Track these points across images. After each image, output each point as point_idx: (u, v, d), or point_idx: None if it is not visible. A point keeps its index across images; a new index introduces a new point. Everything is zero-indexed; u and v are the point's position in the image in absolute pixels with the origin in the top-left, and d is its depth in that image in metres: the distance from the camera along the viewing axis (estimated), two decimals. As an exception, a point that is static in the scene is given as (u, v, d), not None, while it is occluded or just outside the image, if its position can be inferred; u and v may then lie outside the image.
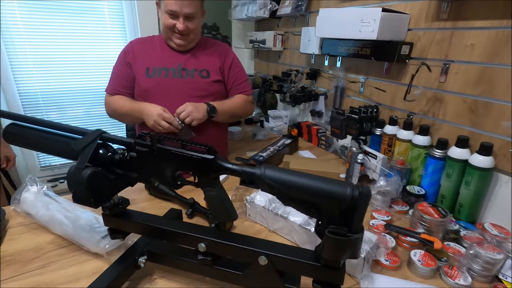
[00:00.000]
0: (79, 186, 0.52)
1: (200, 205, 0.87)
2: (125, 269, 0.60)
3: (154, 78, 1.10)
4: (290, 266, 0.52)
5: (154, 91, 1.09)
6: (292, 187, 0.45)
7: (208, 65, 1.15)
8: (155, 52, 1.14)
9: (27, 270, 0.67)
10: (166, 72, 1.11)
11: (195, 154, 0.50)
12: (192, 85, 1.12)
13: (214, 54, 1.18)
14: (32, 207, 0.84)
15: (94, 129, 0.57)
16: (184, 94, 1.10)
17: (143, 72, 1.11)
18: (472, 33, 0.83)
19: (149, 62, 1.12)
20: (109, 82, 1.16)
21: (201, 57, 1.16)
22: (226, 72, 1.19)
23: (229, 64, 1.20)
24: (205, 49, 1.18)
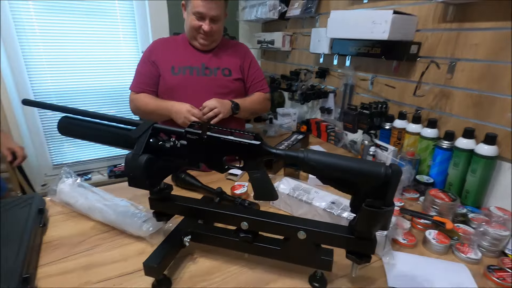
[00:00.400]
0: (137, 170, 0.58)
1: (227, 194, 0.94)
2: (173, 247, 0.66)
3: (179, 76, 1.16)
4: (327, 239, 0.59)
5: (179, 88, 1.16)
6: (333, 168, 0.52)
7: (229, 64, 1.22)
8: (179, 52, 1.21)
9: (76, 252, 0.73)
10: (191, 70, 1.17)
11: (243, 140, 0.57)
12: (215, 82, 1.19)
13: (235, 54, 1.25)
14: (70, 197, 0.89)
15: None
16: (207, 91, 1.16)
17: (169, 70, 1.17)
18: (476, 34, 0.91)
19: (174, 61, 1.18)
20: (134, 80, 1.22)
21: (222, 56, 1.23)
22: (245, 71, 1.26)
23: (248, 63, 1.27)
24: (226, 49, 1.25)
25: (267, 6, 1.70)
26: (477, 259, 0.71)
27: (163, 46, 1.22)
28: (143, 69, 1.20)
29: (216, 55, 1.22)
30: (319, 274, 0.64)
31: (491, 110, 0.90)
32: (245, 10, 1.99)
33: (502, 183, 0.91)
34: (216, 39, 1.19)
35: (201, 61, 1.19)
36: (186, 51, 1.21)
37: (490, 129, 0.90)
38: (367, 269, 0.69)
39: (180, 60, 1.18)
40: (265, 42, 1.94)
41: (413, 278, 0.66)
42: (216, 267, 0.69)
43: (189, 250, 0.73)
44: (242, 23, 2.21)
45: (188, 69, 1.17)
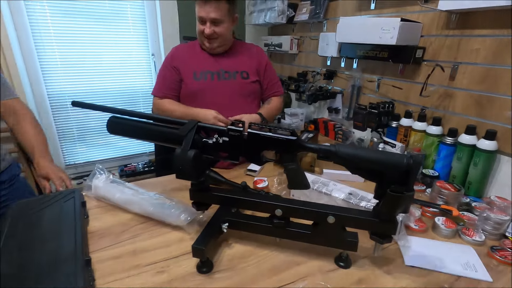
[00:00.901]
0: (186, 164, 0.66)
1: (251, 188, 1.02)
2: (213, 233, 0.74)
3: (201, 81, 1.23)
4: (354, 222, 0.67)
5: (202, 93, 1.23)
6: (361, 159, 0.60)
7: (246, 67, 1.29)
8: (198, 57, 1.27)
9: (121, 240, 0.80)
10: (212, 75, 1.24)
11: (281, 136, 0.65)
12: (235, 85, 1.26)
13: (250, 56, 1.32)
14: (107, 191, 0.96)
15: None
16: (228, 94, 1.24)
17: (191, 76, 1.24)
18: (477, 40, 1.00)
19: (195, 67, 1.25)
20: (156, 85, 1.29)
21: (239, 59, 1.29)
22: (262, 73, 1.33)
23: (264, 66, 1.34)
24: (241, 52, 1.32)
25: (276, 11, 1.79)
26: (481, 241, 0.80)
27: (184, 53, 1.29)
28: (167, 74, 1.26)
29: (232, 59, 1.28)
30: (345, 255, 0.72)
31: (491, 108, 0.99)
32: (253, 15, 2.07)
33: (501, 174, 1.00)
34: (222, 42, 1.23)
35: (220, 65, 1.26)
36: (204, 57, 1.27)
37: (490, 126, 0.99)
38: (385, 251, 0.77)
39: (200, 66, 1.25)
40: (272, 45, 2.02)
41: (427, 258, 0.75)
42: (250, 251, 0.76)
43: (224, 237, 0.80)
44: (249, 26, 2.29)
45: (209, 74, 1.24)
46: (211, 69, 1.25)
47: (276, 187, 1.06)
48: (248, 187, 1.00)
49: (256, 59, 1.32)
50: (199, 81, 1.23)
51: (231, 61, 1.28)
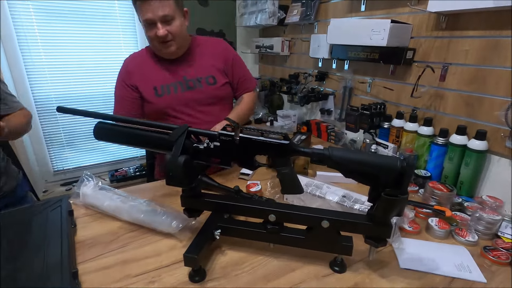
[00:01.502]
0: (177, 170, 0.64)
1: (244, 192, 1.00)
2: (206, 240, 0.72)
3: (164, 96, 1.10)
4: (348, 226, 0.66)
5: (168, 109, 1.10)
6: (356, 162, 0.60)
7: (211, 70, 1.15)
8: (155, 69, 1.12)
9: (110, 250, 0.77)
10: (175, 87, 1.11)
11: (273, 140, 0.64)
12: (202, 94, 1.13)
13: (214, 55, 1.17)
14: (95, 199, 0.93)
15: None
16: (197, 105, 1.12)
17: (152, 92, 1.10)
18: (466, 41, 1.01)
19: (154, 81, 1.11)
20: (116, 107, 1.14)
21: (201, 62, 1.15)
22: (230, 71, 1.20)
23: (231, 62, 1.19)
24: (204, 52, 1.16)
25: (267, 13, 1.78)
26: (474, 242, 0.81)
27: (139, 66, 1.12)
28: (124, 94, 1.11)
29: (194, 63, 1.14)
30: (339, 259, 0.71)
31: (480, 109, 1.00)
32: (243, 17, 2.06)
33: (492, 174, 1.01)
34: (180, 42, 1.07)
35: (181, 74, 1.12)
36: (161, 67, 1.12)
37: (480, 126, 1.00)
38: (380, 254, 0.76)
39: (159, 79, 1.11)
40: (264, 47, 2.02)
41: (421, 260, 0.74)
42: (244, 258, 0.75)
43: (217, 244, 0.78)
44: (240, 29, 2.28)
45: (172, 87, 1.11)
46: (173, 80, 1.11)
47: (270, 190, 1.05)
48: (241, 192, 0.98)
49: (221, 57, 1.18)
50: (162, 97, 1.10)
51: (193, 66, 1.14)
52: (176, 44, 1.06)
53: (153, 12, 0.98)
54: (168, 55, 1.09)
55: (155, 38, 1.02)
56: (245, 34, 2.33)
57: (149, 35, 1.04)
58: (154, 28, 1.01)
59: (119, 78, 1.13)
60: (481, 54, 0.98)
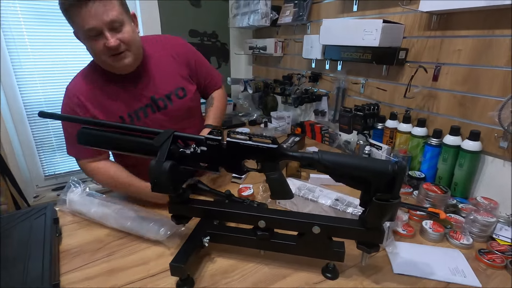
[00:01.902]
0: (161, 176, 0.62)
1: (236, 196, 0.98)
2: (194, 248, 0.70)
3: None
4: (340, 232, 0.65)
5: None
6: (345, 167, 0.58)
7: (178, 80, 1.00)
8: (115, 95, 0.93)
9: (96, 259, 0.75)
10: (144, 111, 0.96)
11: (261, 144, 0.62)
12: (175, 112, 1.00)
13: (175, 60, 1.01)
14: (82, 205, 0.91)
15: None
16: (171, 124, 0.99)
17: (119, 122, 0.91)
18: (459, 40, 1.00)
19: (118, 110, 0.93)
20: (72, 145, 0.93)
21: (164, 74, 0.98)
22: (195, 75, 1.07)
23: (194, 64, 1.06)
24: (160, 59, 0.99)
25: (259, 14, 1.76)
26: (469, 244, 0.79)
27: (92, 95, 0.90)
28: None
29: (156, 77, 0.96)
30: (331, 265, 0.69)
31: (474, 109, 0.99)
32: (236, 18, 2.04)
33: (486, 175, 1.00)
34: (136, 51, 0.87)
35: (148, 95, 0.95)
36: (121, 91, 0.92)
37: (473, 127, 0.99)
38: (373, 259, 0.75)
39: (124, 106, 0.93)
40: (257, 48, 2.00)
41: (415, 265, 0.73)
42: (234, 265, 0.73)
43: (207, 251, 0.76)
44: (233, 29, 2.27)
45: (141, 112, 0.95)
46: (140, 104, 0.95)
47: (262, 194, 1.03)
48: (232, 196, 0.96)
49: (183, 61, 1.02)
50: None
51: (157, 80, 0.96)
52: (131, 54, 0.86)
53: (96, 19, 0.76)
54: (122, 70, 0.88)
55: (104, 51, 0.81)
56: (238, 35, 2.31)
57: (94, 49, 0.82)
58: (101, 39, 0.80)
59: (68, 111, 0.90)
60: (473, 54, 0.97)
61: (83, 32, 0.79)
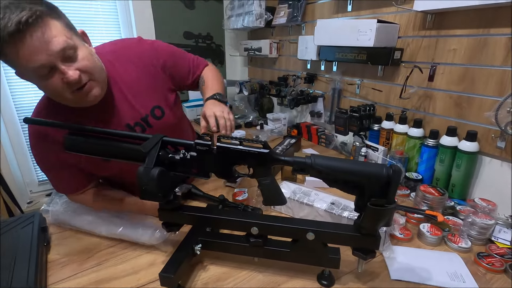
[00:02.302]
0: (150, 183, 0.60)
1: (230, 201, 0.96)
2: (185, 256, 0.67)
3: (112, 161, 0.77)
4: (334, 238, 0.63)
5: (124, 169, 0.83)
6: (338, 171, 0.56)
7: (152, 97, 0.85)
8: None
9: (85, 268, 0.73)
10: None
11: (252, 149, 0.60)
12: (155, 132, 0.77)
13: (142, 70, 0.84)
14: (68, 215, 0.87)
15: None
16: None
17: (97, 160, 0.74)
18: (454, 40, 0.98)
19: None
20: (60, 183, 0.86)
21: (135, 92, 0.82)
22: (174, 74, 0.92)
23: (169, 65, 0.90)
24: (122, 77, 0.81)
25: (254, 15, 1.75)
26: (467, 248, 0.78)
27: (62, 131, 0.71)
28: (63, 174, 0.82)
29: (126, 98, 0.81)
30: (327, 272, 0.67)
31: (470, 109, 0.98)
32: (231, 19, 2.03)
33: (484, 176, 0.98)
34: (100, 77, 0.71)
35: (122, 123, 0.81)
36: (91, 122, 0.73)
37: (470, 127, 0.97)
38: (370, 264, 0.73)
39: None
40: (252, 49, 1.98)
41: (413, 270, 0.71)
42: (227, 273, 0.71)
43: (199, 259, 0.74)
44: (227, 31, 2.25)
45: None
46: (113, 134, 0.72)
47: (257, 198, 1.01)
48: (226, 201, 0.94)
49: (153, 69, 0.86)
50: (109, 162, 0.79)
51: (128, 102, 0.81)
52: (97, 83, 0.70)
53: (42, 52, 0.59)
54: (95, 101, 0.72)
55: (64, 88, 0.64)
56: (234, 36, 2.30)
57: (52, 89, 0.65)
58: (55, 75, 0.63)
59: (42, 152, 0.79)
60: (469, 53, 0.95)
61: (32, 72, 0.61)
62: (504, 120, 0.85)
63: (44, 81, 0.63)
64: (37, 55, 0.59)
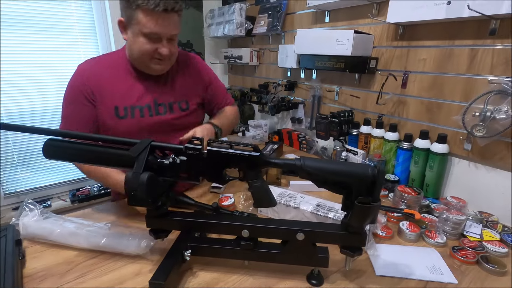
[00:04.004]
0: (139, 188, 0.59)
1: (224, 209, 0.95)
2: (174, 263, 0.66)
3: (127, 119, 0.92)
4: (323, 237, 0.65)
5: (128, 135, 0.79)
6: (328, 172, 0.58)
7: (187, 92, 1.02)
8: (122, 85, 0.93)
9: (66, 282, 0.69)
10: (141, 110, 0.94)
11: (243, 152, 0.61)
12: (172, 121, 0.98)
13: (191, 76, 1.05)
14: (41, 229, 0.81)
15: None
16: (163, 133, 0.97)
17: (111, 113, 0.90)
18: (423, 50, 1.07)
19: (117, 99, 0.92)
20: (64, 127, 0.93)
21: (178, 83, 1.01)
22: (208, 93, 1.10)
23: (209, 81, 1.10)
24: (182, 70, 1.03)
25: (234, 24, 1.78)
26: (443, 243, 0.83)
27: (99, 75, 0.91)
28: (78, 112, 0.91)
29: (169, 83, 0.99)
30: (316, 272, 0.69)
31: (440, 114, 1.06)
32: (211, 27, 2.05)
33: (454, 175, 1.06)
34: (173, 61, 0.96)
35: (152, 95, 0.95)
36: (132, 84, 0.93)
37: (441, 130, 1.05)
38: (356, 262, 0.76)
39: (125, 98, 0.93)
40: (232, 57, 2.01)
41: (396, 266, 0.75)
42: (218, 278, 0.70)
43: (188, 265, 0.73)
44: (208, 39, 2.26)
45: (137, 109, 0.93)
46: (141, 103, 0.94)
47: (243, 203, 1.01)
48: (220, 208, 0.93)
49: (199, 77, 1.06)
50: (124, 120, 0.91)
51: (168, 87, 0.99)
52: (169, 63, 0.94)
53: (163, 28, 0.84)
54: (154, 72, 0.94)
55: (151, 53, 0.87)
56: (214, 44, 2.31)
57: (141, 48, 0.86)
58: (156, 44, 0.86)
59: (72, 91, 0.91)
60: (437, 63, 1.04)
61: (146, 32, 0.84)
62: (470, 123, 0.93)
63: (143, 40, 0.86)
64: (162, 27, 0.84)
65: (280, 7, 1.63)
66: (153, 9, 0.80)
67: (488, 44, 0.91)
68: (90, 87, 0.90)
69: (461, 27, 0.96)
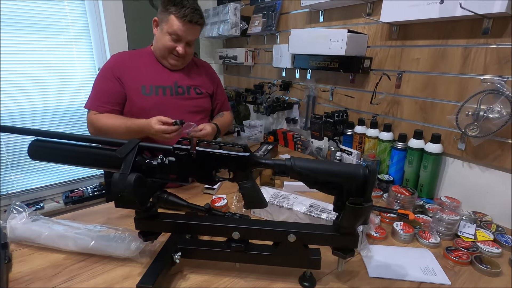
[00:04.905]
0: (126, 189, 0.57)
1: (216, 210, 0.94)
2: (164, 266, 0.65)
3: (151, 96, 1.11)
4: (315, 239, 0.64)
5: (152, 110, 1.07)
6: (318, 172, 0.57)
7: (200, 82, 1.23)
8: (148, 69, 1.14)
9: (53, 285, 0.67)
10: (164, 90, 1.13)
11: (233, 153, 0.60)
12: (189, 101, 1.18)
13: (203, 73, 1.27)
14: (29, 232, 0.80)
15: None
16: (181, 110, 1.14)
17: (138, 90, 1.10)
18: (417, 50, 1.06)
19: (144, 80, 1.12)
20: (93, 98, 1.11)
21: (192, 74, 1.22)
22: (214, 91, 1.30)
23: (216, 84, 1.31)
24: (193, 67, 1.25)
25: (229, 24, 1.77)
26: (436, 243, 0.82)
27: (129, 62, 1.14)
28: (106, 86, 1.10)
29: (186, 73, 1.20)
30: (308, 274, 0.68)
31: (434, 113, 1.05)
32: (206, 27, 2.03)
33: (448, 175, 1.06)
34: (187, 60, 1.18)
35: (173, 79, 1.16)
36: (156, 69, 1.15)
37: (434, 130, 1.05)
38: (349, 264, 0.75)
39: (150, 79, 1.12)
40: (227, 57, 2.00)
41: (389, 267, 0.74)
42: (208, 281, 0.69)
43: (179, 268, 0.72)
44: (203, 39, 2.25)
45: (160, 89, 1.13)
46: (164, 83, 1.14)
47: (236, 204, 1.00)
48: (212, 210, 0.92)
49: (209, 76, 1.29)
50: (149, 97, 1.10)
51: (185, 75, 1.20)
52: (183, 62, 1.16)
53: (187, 34, 1.07)
54: (171, 66, 1.15)
55: (171, 49, 1.10)
56: (209, 44, 2.30)
57: (167, 45, 1.09)
58: (176, 43, 1.08)
59: (102, 70, 1.12)
60: (430, 62, 1.03)
61: (171, 31, 1.06)
62: (463, 123, 0.92)
63: (167, 37, 1.08)
64: (185, 32, 1.06)
65: (275, 7, 1.62)
66: (181, 17, 1.04)
67: (481, 43, 0.91)
68: (119, 69, 1.10)
69: (454, 27, 0.96)
